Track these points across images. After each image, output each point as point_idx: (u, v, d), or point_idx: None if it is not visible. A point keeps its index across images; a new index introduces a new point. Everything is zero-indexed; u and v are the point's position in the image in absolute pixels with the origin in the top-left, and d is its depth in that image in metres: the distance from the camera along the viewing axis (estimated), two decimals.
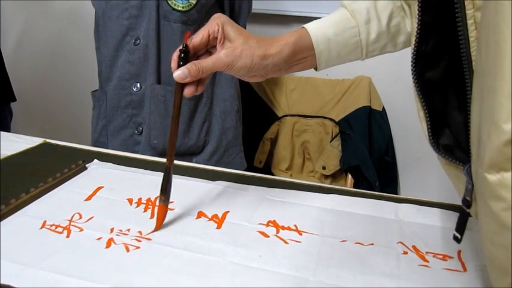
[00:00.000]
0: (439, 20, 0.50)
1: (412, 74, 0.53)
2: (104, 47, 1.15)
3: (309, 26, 0.67)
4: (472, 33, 0.45)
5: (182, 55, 0.62)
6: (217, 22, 0.63)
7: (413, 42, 0.52)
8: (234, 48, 0.62)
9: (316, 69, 0.69)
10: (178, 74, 0.61)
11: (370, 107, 1.65)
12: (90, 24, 1.20)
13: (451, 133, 0.52)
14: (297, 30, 0.67)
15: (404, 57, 0.74)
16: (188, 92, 0.63)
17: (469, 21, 0.45)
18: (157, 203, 0.68)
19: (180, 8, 1.08)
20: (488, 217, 0.41)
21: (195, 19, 1.11)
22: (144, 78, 1.13)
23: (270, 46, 0.64)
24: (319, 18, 0.68)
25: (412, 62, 0.53)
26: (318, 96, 1.71)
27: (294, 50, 0.65)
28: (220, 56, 0.62)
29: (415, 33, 0.52)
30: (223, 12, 1.20)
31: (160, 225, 0.65)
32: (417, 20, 0.51)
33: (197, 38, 0.63)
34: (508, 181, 0.38)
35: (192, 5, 1.08)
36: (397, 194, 1.74)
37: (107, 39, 1.14)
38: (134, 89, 1.13)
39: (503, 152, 0.37)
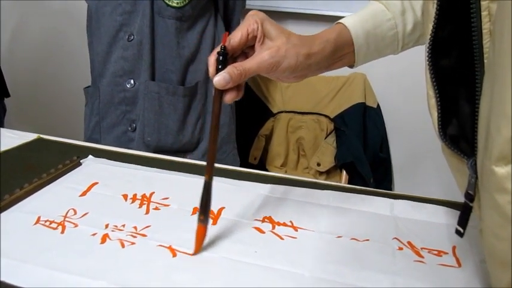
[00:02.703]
0: (456, 7, 0.49)
1: (427, 60, 0.52)
2: (97, 43, 1.14)
3: (347, 21, 0.64)
4: (486, 25, 0.44)
5: (221, 58, 0.56)
6: (256, 19, 0.58)
7: (430, 27, 0.51)
8: (278, 48, 0.57)
9: (352, 66, 0.67)
10: (219, 79, 0.55)
11: (364, 103, 1.65)
12: (85, 20, 1.19)
13: (459, 123, 0.52)
14: (334, 26, 0.65)
15: (400, 55, 0.74)
16: (229, 98, 0.57)
17: (483, 13, 0.44)
18: (196, 222, 0.59)
19: (174, 4, 1.07)
20: (493, 210, 0.41)
21: (190, 15, 1.10)
22: (137, 74, 1.12)
23: (312, 44, 0.60)
24: (313, 14, 0.67)
25: (428, 47, 0.52)
26: (313, 93, 1.71)
27: (335, 47, 0.62)
28: (265, 57, 0.57)
29: (433, 18, 0.51)
30: (217, 8, 1.19)
31: (199, 248, 0.59)
32: (436, 5, 0.50)
33: (235, 39, 0.57)
34: None
35: (187, 1, 1.07)
36: (391, 190, 1.75)
37: (100, 35, 1.13)
38: (128, 86, 1.12)
39: None
